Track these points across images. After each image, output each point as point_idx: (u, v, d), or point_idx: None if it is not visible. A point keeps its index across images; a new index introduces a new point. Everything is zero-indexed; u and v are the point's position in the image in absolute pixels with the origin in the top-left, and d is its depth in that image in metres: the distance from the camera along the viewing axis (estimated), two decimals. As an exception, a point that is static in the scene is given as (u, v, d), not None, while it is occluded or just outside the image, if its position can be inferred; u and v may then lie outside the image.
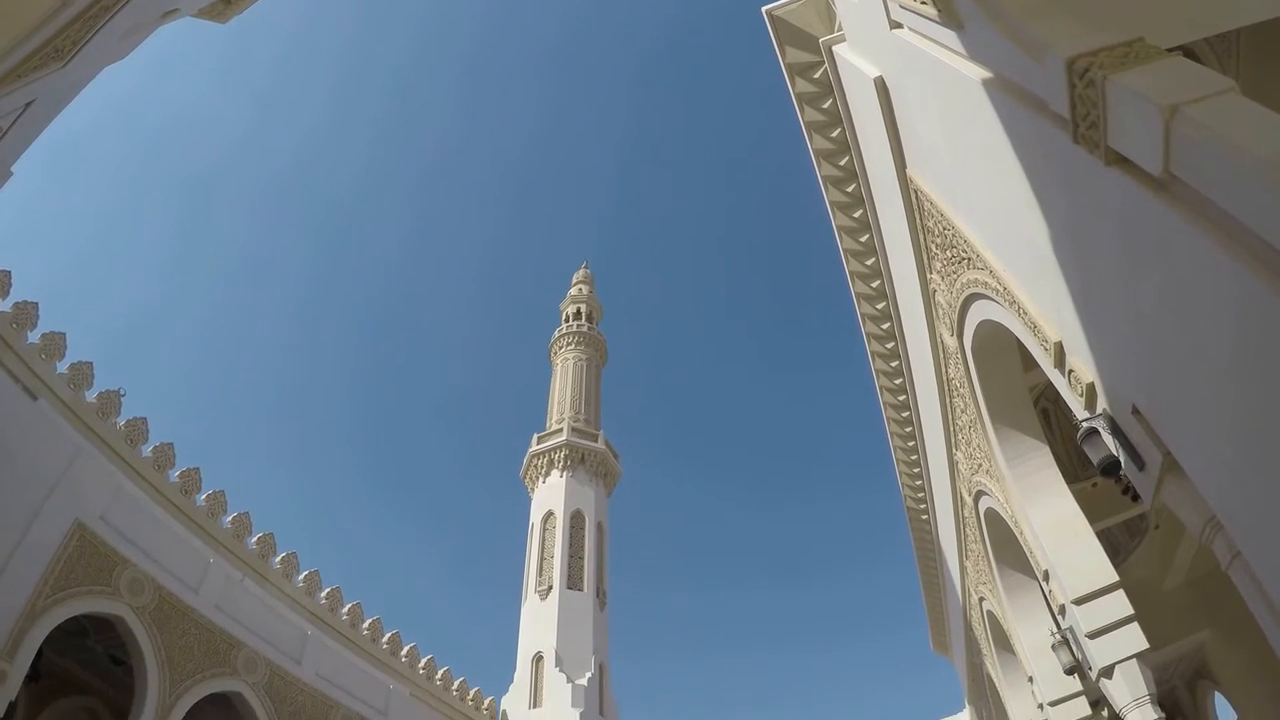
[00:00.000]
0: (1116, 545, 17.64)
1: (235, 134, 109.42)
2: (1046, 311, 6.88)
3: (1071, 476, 11.46)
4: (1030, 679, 12.93)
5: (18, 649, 12.66)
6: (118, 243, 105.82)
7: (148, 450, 23.49)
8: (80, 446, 15.60)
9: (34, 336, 20.91)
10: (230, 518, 25.73)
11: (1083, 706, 12.00)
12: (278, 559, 27.01)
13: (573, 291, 58.11)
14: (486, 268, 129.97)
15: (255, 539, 26.43)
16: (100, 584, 14.40)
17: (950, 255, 9.39)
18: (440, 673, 33.40)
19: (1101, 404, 6.38)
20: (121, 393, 22.76)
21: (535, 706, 36.11)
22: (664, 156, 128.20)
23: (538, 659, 37.90)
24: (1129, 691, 8.50)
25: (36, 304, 20.90)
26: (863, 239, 13.72)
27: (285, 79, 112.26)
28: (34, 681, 15.58)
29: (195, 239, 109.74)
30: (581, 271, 60.34)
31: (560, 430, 46.79)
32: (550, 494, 44.22)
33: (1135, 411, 5.77)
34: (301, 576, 27.84)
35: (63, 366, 21.45)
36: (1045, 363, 7.17)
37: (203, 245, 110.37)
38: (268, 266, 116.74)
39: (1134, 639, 8.65)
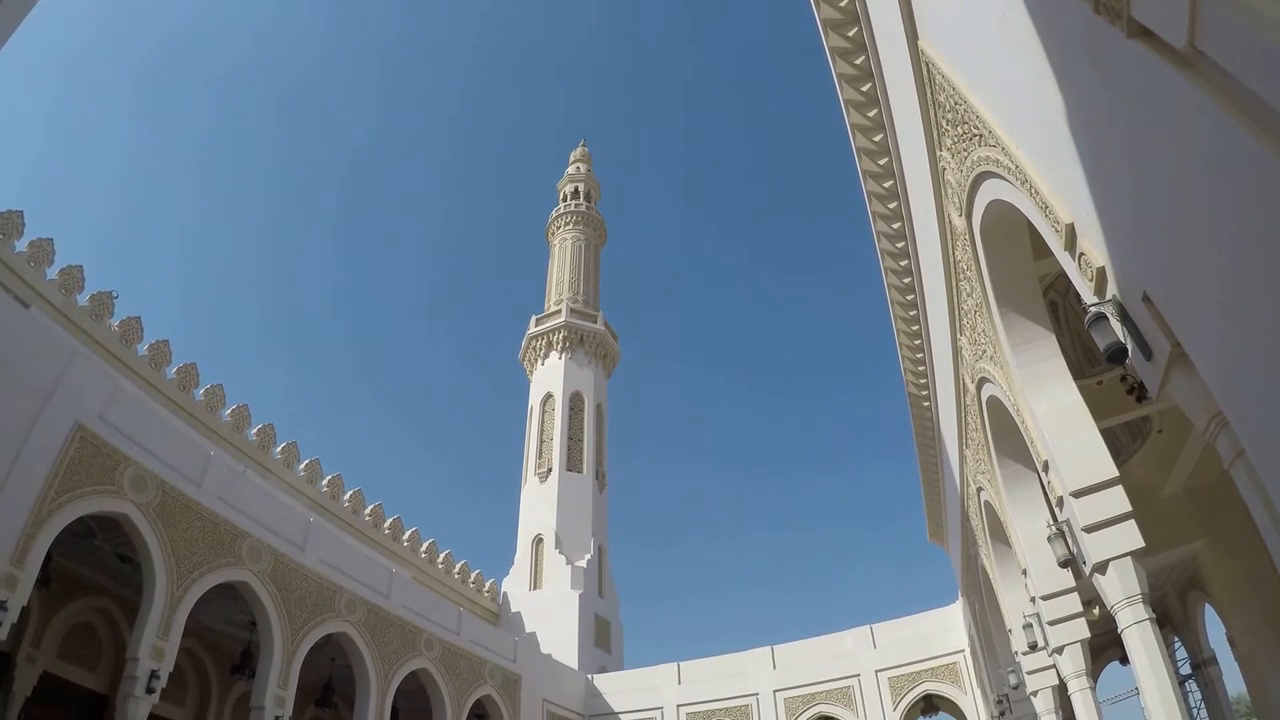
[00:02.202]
0: (1118, 446, 17.47)
1: (193, 11, 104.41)
2: (1059, 192, 6.50)
3: (1077, 373, 11.23)
4: (1024, 572, 13.04)
5: (26, 554, 12.82)
6: (77, 139, 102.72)
7: (144, 349, 23.49)
8: (75, 350, 15.46)
9: (21, 245, 20.63)
10: (229, 410, 25.93)
11: (1075, 603, 12.11)
12: (278, 449, 27.36)
13: (570, 170, 56.25)
14: (477, 147, 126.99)
15: (255, 430, 26.71)
16: (104, 483, 14.49)
17: (961, 131, 8.91)
18: (442, 556, 34.25)
19: (1111, 289, 6.10)
20: (114, 295, 22.63)
21: (535, 588, 36.81)
22: (664, 35, 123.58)
23: (537, 541, 38.51)
24: (1122, 589, 8.45)
25: (22, 212, 20.52)
26: (870, 114, 13.10)
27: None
28: (44, 586, 15.90)
29: (159, 128, 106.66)
30: (579, 150, 58.24)
31: (559, 311, 46.31)
32: (549, 376, 44.18)
33: (1145, 299, 5.50)
34: (302, 465, 28.27)
35: (53, 272, 21.24)
36: (1056, 245, 6.85)
37: (168, 134, 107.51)
38: (239, 153, 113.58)
39: (1130, 536, 8.54)
